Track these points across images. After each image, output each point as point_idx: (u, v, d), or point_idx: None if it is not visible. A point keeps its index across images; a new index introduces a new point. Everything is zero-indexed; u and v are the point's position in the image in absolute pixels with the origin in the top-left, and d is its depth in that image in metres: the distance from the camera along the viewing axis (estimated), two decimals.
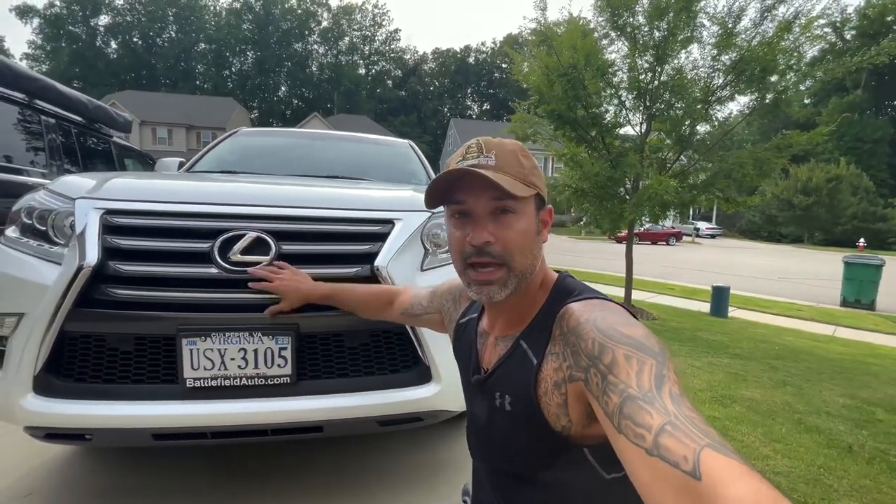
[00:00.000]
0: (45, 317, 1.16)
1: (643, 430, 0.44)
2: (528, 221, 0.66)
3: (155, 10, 57.53)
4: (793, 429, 2.40)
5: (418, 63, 68.85)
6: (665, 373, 0.49)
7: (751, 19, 5.07)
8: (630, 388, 0.48)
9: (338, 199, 1.45)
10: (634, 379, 0.49)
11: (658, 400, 0.46)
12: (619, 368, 0.50)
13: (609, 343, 0.53)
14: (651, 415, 0.45)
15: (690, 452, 0.40)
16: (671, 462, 0.40)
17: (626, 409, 0.47)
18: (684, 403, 0.46)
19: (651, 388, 0.47)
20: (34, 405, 1.18)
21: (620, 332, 0.54)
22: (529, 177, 0.66)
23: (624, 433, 0.46)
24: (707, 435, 0.41)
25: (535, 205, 0.69)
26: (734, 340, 4.52)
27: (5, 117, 3.16)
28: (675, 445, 0.41)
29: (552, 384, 0.61)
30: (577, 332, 0.58)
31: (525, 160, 0.67)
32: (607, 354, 0.52)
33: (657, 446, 0.42)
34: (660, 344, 0.53)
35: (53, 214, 1.33)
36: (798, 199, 30.01)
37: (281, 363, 1.22)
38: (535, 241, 0.68)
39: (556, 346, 0.62)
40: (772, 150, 5.12)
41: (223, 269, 1.21)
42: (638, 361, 0.50)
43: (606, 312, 0.59)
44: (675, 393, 0.47)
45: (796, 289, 9.33)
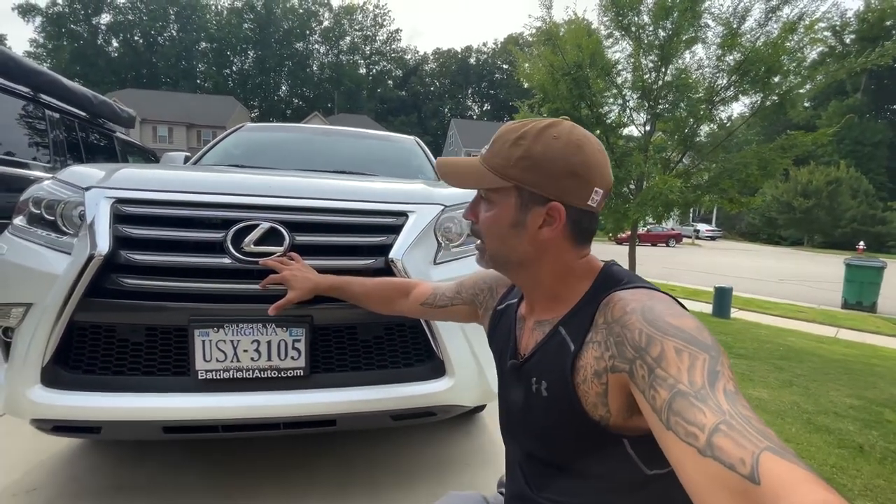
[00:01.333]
0: (54, 307, 1.14)
1: (695, 428, 0.42)
2: (501, 212, 0.67)
3: (156, 9, 57.59)
4: (802, 429, 2.39)
5: (419, 63, 68.95)
6: (719, 369, 0.46)
7: (755, 20, 5.08)
8: (680, 384, 0.46)
9: (352, 192, 1.44)
10: (686, 374, 0.46)
11: (711, 397, 0.43)
12: (668, 362, 0.48)
13: (657, 335, 0.51)
14: (704, 413, 0.42)
15: (748, 455, 0.38)
16: (727, 464, 0.38)
17: (675, 406, 0.45)
18: (740, 402, 0.43)
19: (704, 385, 0.45)
20: (42, 397, 1.16)
21: (670, 324, 0.52)
22: (509, 168, 0.64)
23: (673, 430, 0.44)
24: (766, 437, 0.39)
25: (520, 199, 0.65)
26: (738, 341, 4.50)
27: (10, 111, 3.14)
28: (731, 447, 0.39)
29: (592, 373, 0.59)
30: (623, 322, 0.56)
31: (514, 149, 0.64)
32: (655, 346, 0.50)
33: (711, 446, 0.40)
34: (713, 338, 0.51)
35: (62, 204, 1.31)
36: (798, 202, 30.07)
37: (294, 355, 1.20)
38: (508, 233, 0.66)
39: (598, 335, 0.60)
40: (776, 150, 5.12)
41: (236, 260, 1.19)
42: (689, 356, 0.48)
43: (655, 302, 0.56)
44: (730, 390, 0.44)
45: (797, 291, 9.33)
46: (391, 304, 1.09)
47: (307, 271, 1.16)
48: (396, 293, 1.09)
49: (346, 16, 64.87)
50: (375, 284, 1.12)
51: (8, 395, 1.20)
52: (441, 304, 0.99)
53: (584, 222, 0.66)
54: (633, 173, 5.40)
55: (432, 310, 1.02)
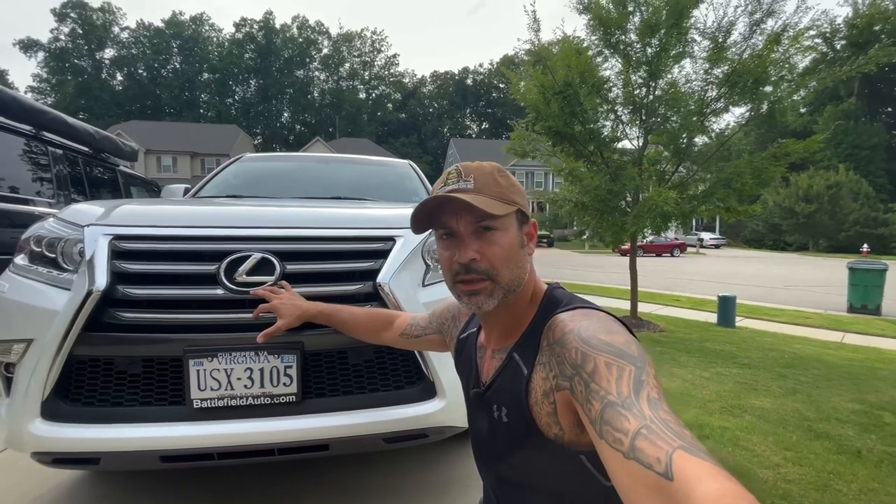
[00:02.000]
0: (54, 341, 1.18)
1: (621, 434, 0.46)
2: (511, 236, 0.70)
3: (160, 43, 59.20)
4: (803, 436, 2.37)
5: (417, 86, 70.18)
6: (644, 378, 0.50)
7: (740, 33, 5.19)
8: (610, 395, 0.50)
9: (339, 219, 1.49)
10: (614, 385, 0.50)
11: (636, 405, 0.47)
12: (600, 376, 0.52)
13: (591, 351, 0.55)
14: (628, 419, 0.46)
15: (663, 454, 0.41)
16: (645, 464, 0.42)
17: (606, 415, 0.48)
18: (661, 407, 0.47)
19: (630, 394, 0.49)
20: (42, 430, 1.19)
21: (601, 340, 0.56)
22: (508, 195, 0.69)
23: (604, 438, 0.48)
24: (680, 437, 0.43)
25: (518, 220, 0.72)
26: (742, 350, 4.47)
27: (13, 149, 3.25)
28: (649, 448, 0.42)
29: (541, 393, 0.63)
30: (562, 342, 0.60)
31: (502, 179, 0.70)
32: (589, 363, 0.54)
33: (633, 449, 0.43)
34: (640, 350, 0.55)
35: (63, 242, 1.36)
36: (800, 207, 30.01)
37: (287, 381, 1.23)
38: (519, 254, 0.71)
39: (544, 357, 0.64)
40: (769, 158, 5.16)
41: (229, 290, 1.23)
42: (618, 368, 0.52)
43: (590, 321, 0.61)
44: (654, 397, 0.48)
45: (803, 296, 9.26)
46: (377, 335, 1.13)
47: (296, 299, 1.19)
48: (381, 324, 1.12)
49: (344, 43, 66.44)
50: (363, 314, 1.14)
51: (9, 429, 1.23)
52: (416, 334, 1.04)
53: None
54: (628, 187, 5.44)
55: (410, 340, 1.06)
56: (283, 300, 1.18)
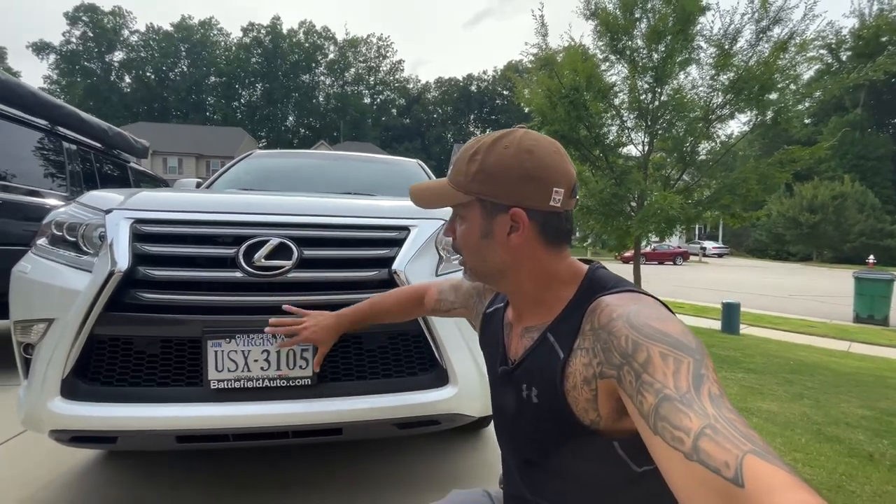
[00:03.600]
0: (76, 320, 1.20)
1: (681, 433, 0.42)
2: (469, 225, 0.69)
3: (168, 46, 59.90)
4: (812, 439, 2.36)
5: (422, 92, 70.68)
6: (704, 372, 0.47)
7: (746, 40, 5.23)
8: (666, 389, 0.46)
9: (356, 208, 1.51)
10: (671, 378, 0.47)
11: (697, 401, 0.44)
12: (654, 367, 0.49)
13: (643, 340, 0.51)
14: (689, 417, 0.43)
15: (733, 458, 0.38)
16: (712, 468, 0.39)
17: (662, 411, 0.45)
18: (724, 405, 0.43)
19: (689, 389, 0.45)
20: (61, 408, 1.21)
21: (655, 329, 0.52)
22: (469, 183, 0.66)
23: (660, 435, 0.44)
24: (750, 440, 0.39)
25: (484, 209, 0.67)
26: (747, 356, 4.46)
27: (29, 143, 3.29)
28: (715, 450, 0.39)
29: (581, 379, 0.60)
30: (609, 329, 0.56)
31: (471, 165, 0.66)
32: (641, 352, 0.51)
33: (696, 450, 0.40)
34: (697, 341, 0.51)
35: (84, 226, 1.39)
36: (804, 217, 29.93)
37: (302, 364, 1.25)
38: (480, 245, 0.68)
39: (586, 341, 0.61)
40: (775, 164, 5.18)
41: (248, 274, 1.25)
42: (675, 360, 0.48)
43: (640, 306, 0.57)
44: (715, 394, 0.45)
45: (808, 306, 9.22)
46: (411, 314, 1.13)
47: (323, 319, 1.12)
48: (412, 304, 1.11)
49: (350, 48, 67.03)
50: (393, 302, 1.12)
51: (27, 409, 1.25)
52: (446, 308, 1.04)
53: (552, 223, 0.67)
54: (633, 191, 5.47)
55: (442, 313, 1.06)
56: (312, 329, 1.11)
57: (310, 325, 1.11)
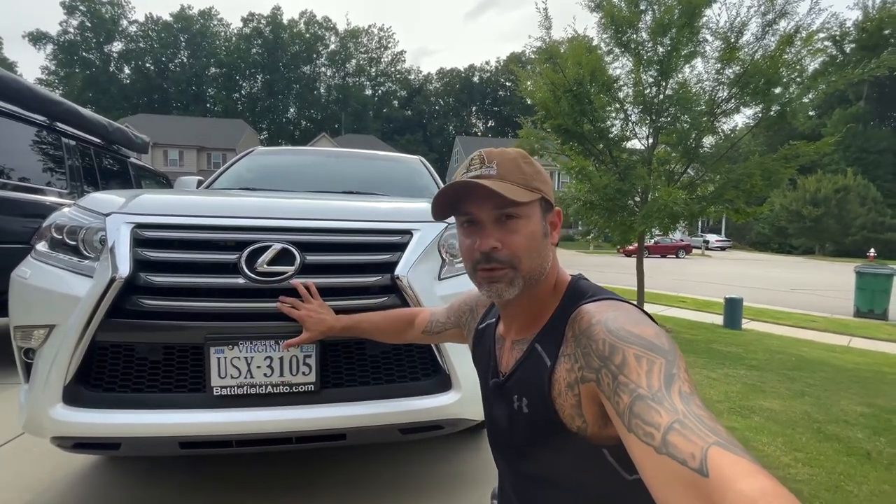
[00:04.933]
0: (77, 327, 1.19)
1: (652, 428, 0.44)
2: (534, 225, 0.68)
3: (167, 37, 59.39)
4: (812, 437, 2.37)
5: (423, 83, 70.13)
6: (675, 371, 0.49)
7: (752, 34, 5.15)
8: (640, 388, 0.48)
9: (358, 212, 1.49)
10: (644, 378, 0.49)
11: (667, 399, 0.46)
12: (629, 368, 0.51)
13: (619, 343, 0.54)
14: (660, 413, 0.45)
15: (698, 450, 0.40)
16: (679, 459, 0.41)
17: (635, 409, 0.47)
18: (694, 401, 0.46)
19: (661, 387, 0.48)
20: (63, 415, 1.21)
21: (630, 332, 0.54)
22: (532, 182, 0.68)
23: (634, 432, 0.46)
24: (715, 432, 0.42)
25: (542, 208, 0.70)
26: (749, 352, 4.46)
27: (28, 139, 3.27)
28: (682, 443, 0.41)
29: (565, 385, 0.62)
30: (589, 334, 0.58)
31: (527, 166, 0.69)
32: (618, 355, 0.53)
33: (665, 444, 0.42)
34: (670, 342, 0.54)
35: (84, 230, 1.38)
36: (807, 211, 29.85)
37: (305, 371, 1.24)
38: (542, 244, 0.69)
39: (569, 348, 0.62)
40: (779, 160, 5.13)
41: (250, 280, 1.24)
42: (648, 361, 0.50)
43: (618, 312, 0.59)
44: (685, 391, 0.47)
45: (809, 300, 9.21)
46: (401, 335, 1.15)
47: (323, 312, 1.19)
48: (404, 324, 1.14)
49: (351, 39, 66.39)
50: (383, 320, 1.16)
51: (29, 414, 1.25)
52: (437, 330, 1.05)
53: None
54: (637, 186, 5.43)
55: (431, 336, 1.08)
56: (310, 312, 1.18)
57: (311, 309, 1.19)
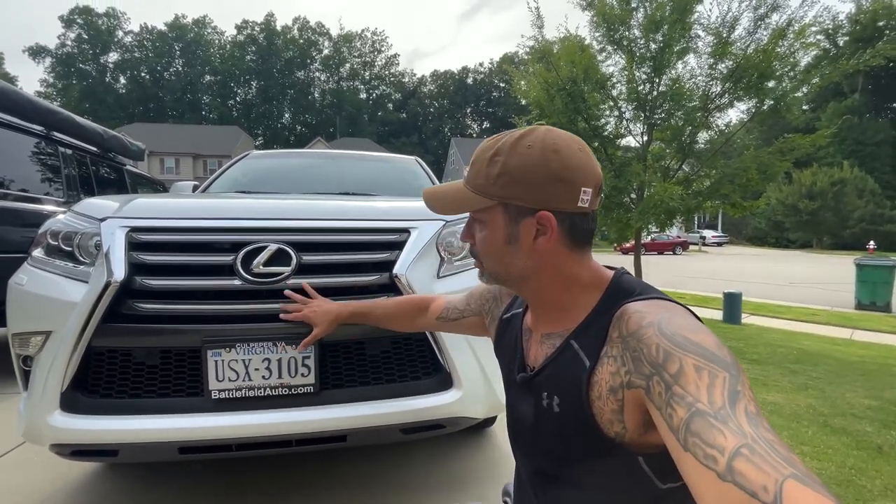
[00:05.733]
0: (73, 333, 1.18)
1: (715, 451, 0.40)
2: (492, 231, 0.66)
3: (162, 46, 59.54)
4: (819, 431, 2.36)
5: (417, 85, 70.31)
6: (740, 388, 0.44)
7: (745, 28, 5.18)
8: (699, 403, 0.44)
9: (355, 211, 1.49)
10: (705, 393, 0.44)
11: (732, 419, 0.42)
12: (686, 379, 0.46)
13: (676, 350, 0.49)
14: (724, 435, 0.40)
15: (772, 482, 0.36)
16: (748, 491, 0.37)
17: (694, 426, 0.43)
18: (762, 425, 0.41)
19: (724, 405, 0.43)
20: (61, 422, 1.19)
21: (689, 339, 0.49)
22: (491, 188, 0.63)
23: (691, 451, 0.42)
24: (791, 463, 0.37)
25: (508, 214, 0.64)
26: (750, 346, 4.45)
27: (26, 149, 3.26)
28: (753, 473, 0.37)
29: (607, 389, 0.57)
30: (639, 336, 0.53)
31: (492, 168, 0.63)
32: (673, 363, 0.48)
33: (731, 471, 0.38)
34: (733, 356, 0.49)
35: (79, 235, 1.37)
36: (804, 204, 29.93)
37: (304, 372, 1.23)
38: (503, 250, 0.66)
39: (614, 349, 0.58)
40: (774, 153, 5.15)
41: (246, 281, 1.23)
42: (709, 374, 0.46)
43: (672, 315, 0.54)
44: (752, 412, 0.42)
45: (809, 293, 9.22)
46: (413, 322, 1.12)
47: (326, 304, 1.19)
48: (416, 311, 1.10)
49: (345, 43, 66.58)
50: (396, 305, 1.14)
51: (27, 422, 1.24)
52: (454, 317, 1.00)
53: (580, 224, 0.64)
54: (632, 182, 5.44)
55: (447, 323, 1.03)
56: (313, 308, 1.17)
57: (314, 305, 1.17)
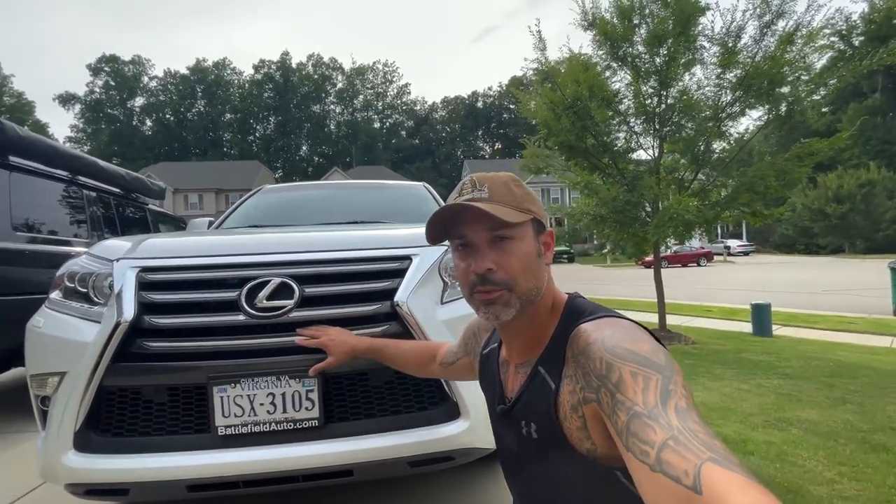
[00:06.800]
0: (85, 373, 1.21)
1: (647, 446, 0.44)
2: (528, 245, 0.69)
3: (185, 89, 62.59)
4: (857, 449, 2.21)
5: (429, 112, 71.74)
6: (671, 387, 0.49)
7: (751, 36, 5.14)
8: (636, 405, 0.48)
9: (355, 241, 1.50)
10: (640, 395, 0.49)
11: (663, 415, 0.46)
12: (625, 386, 0.51)
13: (616, 361, 0.53)
14: (654, 430, 0.45)
15: (692, 467, 0.40)
16: (673, 477, 0.40)
17: (632, 427, 0.47)
18: (690, 417, 0.45)
19: (657, 404, 0.47)
20: (74, 462, 1.21)
21: (626, 349, 0.54)
22: (523, 203, 0.69)
23: (631, 450, 0.46)
24: (710, 448, 0.41)
25: (534, 229, 0.71)
26: (782, 360, 4.26)
27: (52, 194, 3.43)
28: (676, 460, 0.41)
29: (570, 407, 0.61)
30: (587, 353, 0.58)
31: (517, 189, 0.70)
32: (614, 373, 0.53)
33: (660, 462, 0.42)
34: (667, 357, 0.53)
35: (94, 276, 1.42)
36: (831, 208, 28.92)
37: (308, 406, 1.22)
38: (537, 264, 0.70)
39: (570, 369, 0.62)
40: (792, 159, 5.02)
41: (250, 316, 1.24)
42: (644, 378, 0.50)
43: (614, 330, 0.59)
44: (682, 407, 0.47)
45: (844, 301, 8.81)
46: (424, 368, 1.13)
47: (345, 335, 1.20)
48: (427, 357, 1.12)
49: (357, 76, 68.75)
50: (409, 349, 1.15)
51: (44, 461, 1.26)
52: (450, 361, 1.03)
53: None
54: (646, 196, 5.36)
55: (447, 369, 1.06)
56: (332, 337, 1.19)
57: (332, 334, 1.20)
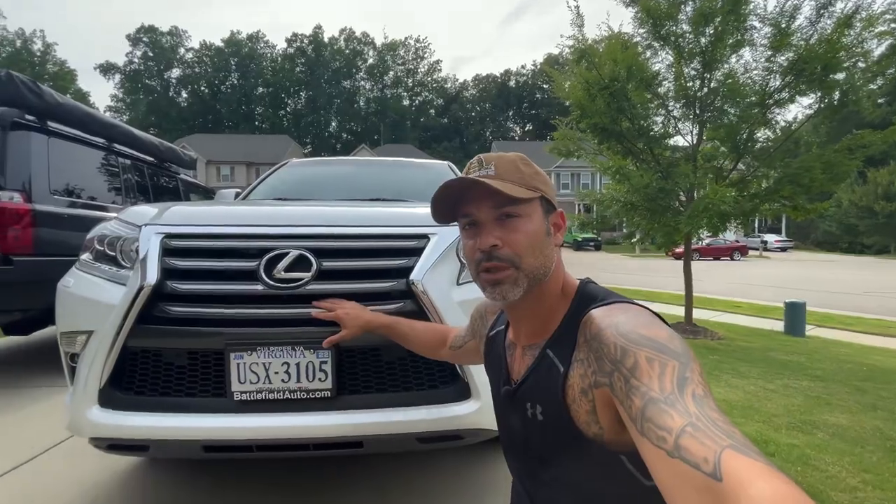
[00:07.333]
0: (110, 333, 1.25)
1: (664, 432, 0.44)
2: (535, 223, 0.68)
3: (220, 61, 63.47)
4: (885, 457, 2.12)
5: (459, 90, 70.64)
6: (688, 374, 0.49)
7: (806, 17, 4.79)
8: (652, 391, 0.48)
9: (374, 217, 1.49)
10: (657, 381, 0.49)
11: (680, 402, 0.46)
12: (640, 371, 0.50)
13: (631, 346, 0.53)
14: (672, 416, 0.44)
15: (711, 454, 0.39)
16: (692, 463, 0.40)
17: (647, 412, 0.47)
18: (707, 404, 0.45)
19: (673, 390, 0.47)
20: (99, 417, 1.27)
21: (642, 335, 0.54)
22: (531, 181, 0.69)
23: (646, 436, 0.46)
24: (729, 435, 0.41)
25: (543, 208, 0.70)
26: (813, 361, 4.09)
27: (89, 160, 3.55)
28: (695, 447, 0.41)
29: (579, 391, 0.61)
30: (600, 338, 0.58)
31: (525, 167, 0.70)
32: (629, 358, 0.52)
33: (678, 448, 0.42)
34: (683, 345, 0.53)
35: (122, 240, 1.46)
36: (880, 206, 27.29)
37: (322, 377, 1.24)
38: (544, 243, 0.69)
39: (581, 353, 0.62)
40: (842, 151, 4.72)
41: (268, 286, 1.26)
42: (660, 364, 0.50)
43: (629, 315, 0.59)
44: (699, 394, 0.46)
45: (886, 304, 8.37)
46: (435, 351, 1.13)
47: (360, 310, 1.21)
48: (438, 342, 1.12)
49: (388, 52, 68.10)
50: (424, 330, 1.15)
51: (71, 415, 1.33)
52: (458, 345, 1.03)
53: None
54: (681, 185, 5.15)
55: (456, 352, 1.06)
56: (347, 311, 1.20)
57: (348, 307, 1.21)
